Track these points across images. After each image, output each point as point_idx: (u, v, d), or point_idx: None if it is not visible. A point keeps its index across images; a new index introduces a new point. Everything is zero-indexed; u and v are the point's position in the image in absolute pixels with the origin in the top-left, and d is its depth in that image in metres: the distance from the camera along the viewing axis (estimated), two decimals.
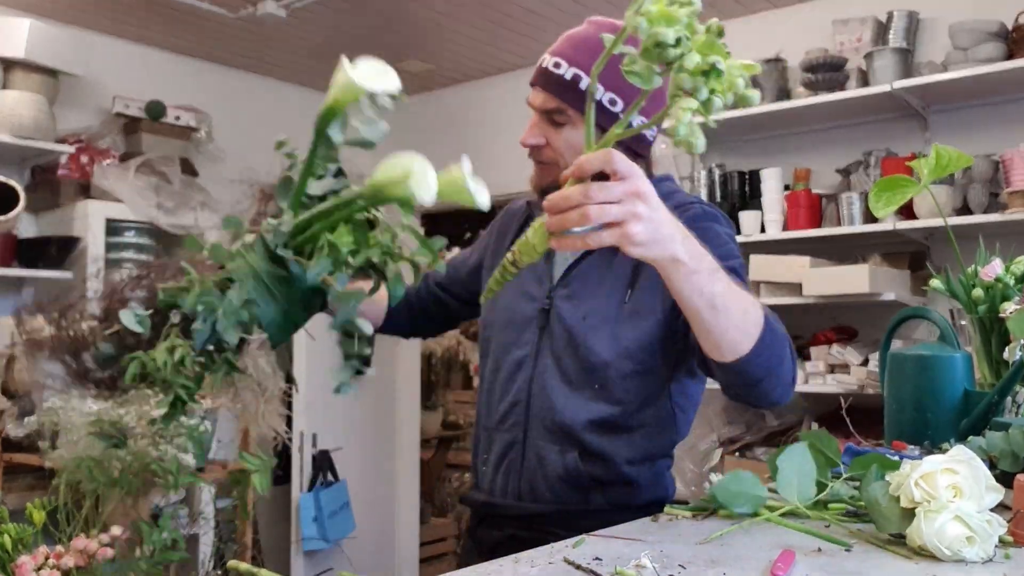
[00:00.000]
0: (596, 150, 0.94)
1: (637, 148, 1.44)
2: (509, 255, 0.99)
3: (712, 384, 3.64)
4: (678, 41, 0.83)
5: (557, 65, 1.38)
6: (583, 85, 1.36)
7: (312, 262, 0.91)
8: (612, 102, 1.37)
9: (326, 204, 0.93)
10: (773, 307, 3.68)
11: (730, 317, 1.06)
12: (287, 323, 0.93)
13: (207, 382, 0.93)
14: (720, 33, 0.84)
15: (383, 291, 0.94)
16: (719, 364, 1.13)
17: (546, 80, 1.39)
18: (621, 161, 0.93)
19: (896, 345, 1.92)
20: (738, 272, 1.30)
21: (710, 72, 0.83)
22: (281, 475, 4.07)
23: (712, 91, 0.84)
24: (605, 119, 1.34)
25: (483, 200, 0.92)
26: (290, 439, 3.49)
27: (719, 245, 1.30)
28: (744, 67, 0.86)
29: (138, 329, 0.91)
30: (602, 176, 0.93)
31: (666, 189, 1.49)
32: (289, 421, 3.93)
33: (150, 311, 0.93)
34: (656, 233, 0.94)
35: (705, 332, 1.09)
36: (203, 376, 0.91)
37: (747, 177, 3.64)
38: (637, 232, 0.92)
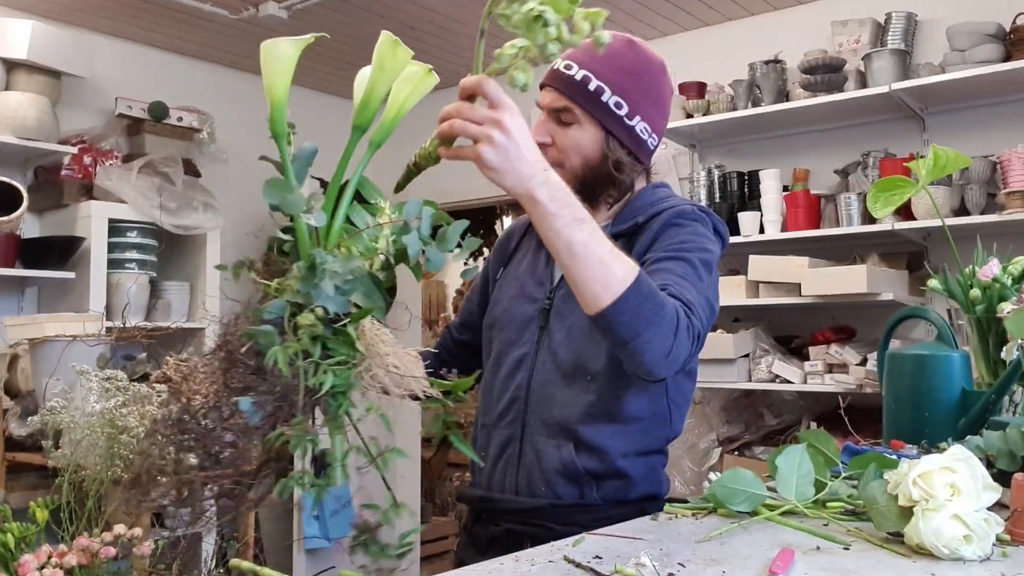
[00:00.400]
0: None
1: (637, 153, 1.49)
2: (412, 158, 1.09)
3: (711, 384, 3.63)
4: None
5: (568, 67, 1.45)
6: (592, 87, 1.43)
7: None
8: (618, 105, 1.44)
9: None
10: (772, 307, 3.66)
11: (589, 267, 1.13)
12: (374, 302, 1.04)
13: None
14: None
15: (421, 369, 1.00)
16: (590, 319, 1.18)
17: (557, 80, 1.46)
18: (494, 89, 1.03)
19: (894, 345, 1.94)
20: (690, 262, 1.35)
21: (538, 20, 0.92)
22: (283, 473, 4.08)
23: (547, 38, 0.93)
24: (609, 119, 1.44)
25: (434, 78, 1.09)
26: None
27: (687, 236, 1.40)
28: (590, 14, 0.95)
29: (271, 330, 0.98)
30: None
31: (661, 194, 1.54)
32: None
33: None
34: (507, 163, 1.04)
35: (568, 278, 1.16)
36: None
37: (746, 178, 3.65)
38: (487, 153, 1.03)
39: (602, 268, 1.14)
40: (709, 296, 1.35)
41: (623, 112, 1.45)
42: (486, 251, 3.37)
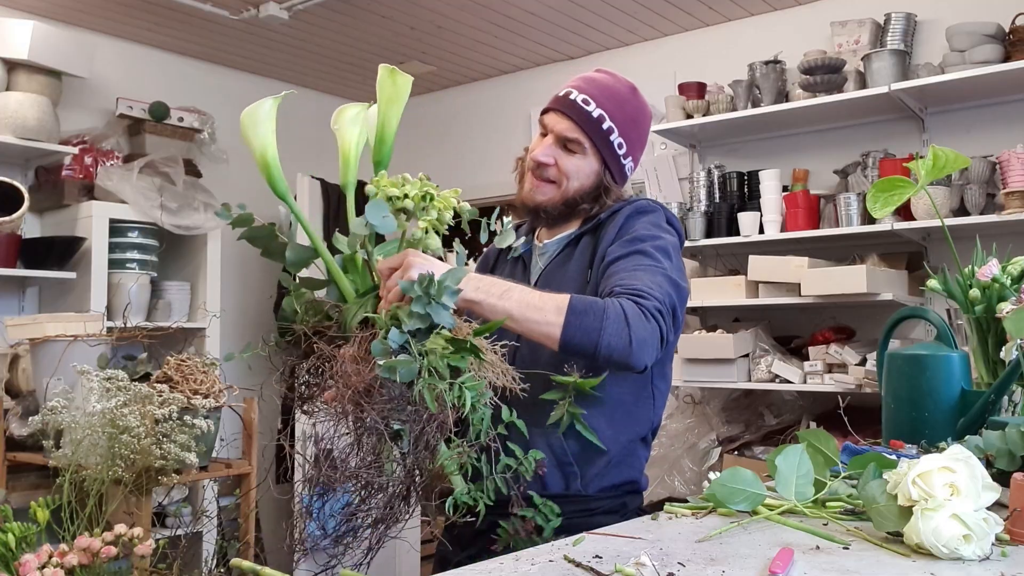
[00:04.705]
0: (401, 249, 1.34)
1: (620, 184, 1.67)
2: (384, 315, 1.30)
3: (711, 383, 3.62)
4: (403, 196, 1.27)
5: (587, 102, 1.59)
6: (605, 126, 1.59)
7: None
8: (620, 146, 1.62)
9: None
10: (772, 307, 3.67)
11: (529, 321, 1.35)
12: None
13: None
14: (426, 179, 1.31)
15: None
16: (559, 353, 1.38)
17: (574, 112, 1.59)
18: (388, 262, 1.30)
19: (894, 345, 1.94)
20: (644, 252, 1.50)
21: (427, 199, 1.28)
22: (284, 473, 4.08)
23: (437, 209, 1.29)
24: (610, 155, 1.61)
25: (405, 76, 1.32)
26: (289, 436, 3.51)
27: (642, 228, 1.56)
28: (453, 192, 1.31)
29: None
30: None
31: (621, 202, 1.68)
32: (289, 420, 3.95)
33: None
34: None
35: (521, 335, 1.38)
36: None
37: (746, 178, 3.65)
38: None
39: (540, 315, 1.36)
40: (670, 275, 1.47)
41: (622, 152, 1.62)
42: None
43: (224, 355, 1.39)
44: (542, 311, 1.35)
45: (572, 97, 1.60)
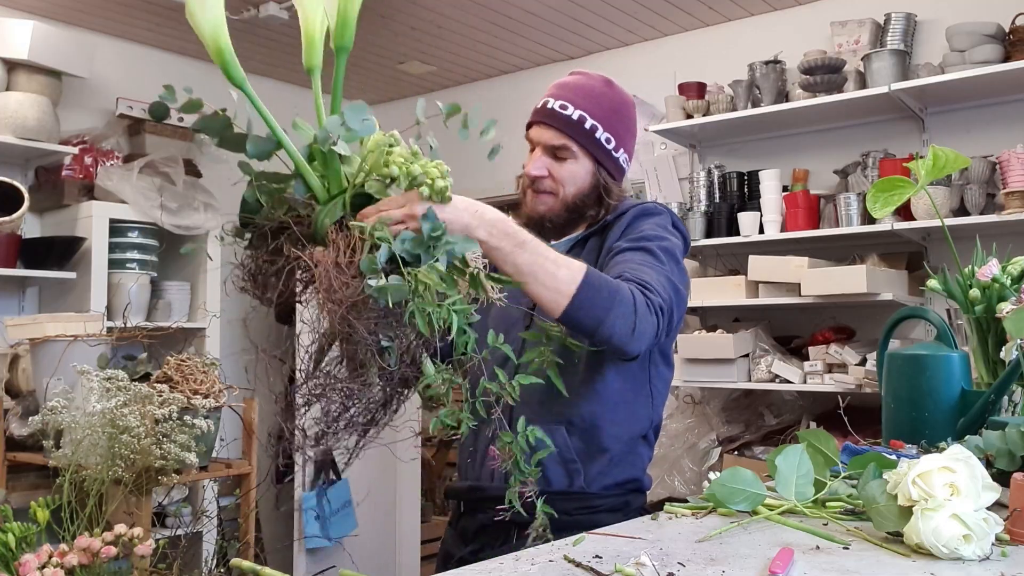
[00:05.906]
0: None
1: (619, 178, 1.68)
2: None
3: (711, 383, 3.62)
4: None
5: (564, 107, 1.60)
6: (587, 125, 1.60)
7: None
8: (608, 140, 1.62)
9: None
10: (772, 307, 3.67)
11: (538, 280, 1.29)
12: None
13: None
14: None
15: None
16: (558, 321, 1.34)
17: (555, 119, 1.60)
18: (395, 199, 1.21)
19: (894, 345, 1.94)
20: (650, 250, 1.50)
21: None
22: (284, 473, 4.09)
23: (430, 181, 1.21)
24: (600, 153, 1.62)
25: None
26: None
27: (648, 228, 1.57)
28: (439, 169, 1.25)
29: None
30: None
31: (628, 204, 1.69)
32: (291, 419, 3.95)
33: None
34: (452, 225, 1.19)
35: (527, 295, 1.32)
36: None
37: (746, 178, 3.65)
38: (416, 225, 1.18)
39: (550, 278, 1.29)
40: (672, 278, 1.46)
41: (611, 146, 1.63)
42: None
43: (182, 248, 1.33)
44: (554, 276, 1.30)
45: (549, 106, 1.62)
